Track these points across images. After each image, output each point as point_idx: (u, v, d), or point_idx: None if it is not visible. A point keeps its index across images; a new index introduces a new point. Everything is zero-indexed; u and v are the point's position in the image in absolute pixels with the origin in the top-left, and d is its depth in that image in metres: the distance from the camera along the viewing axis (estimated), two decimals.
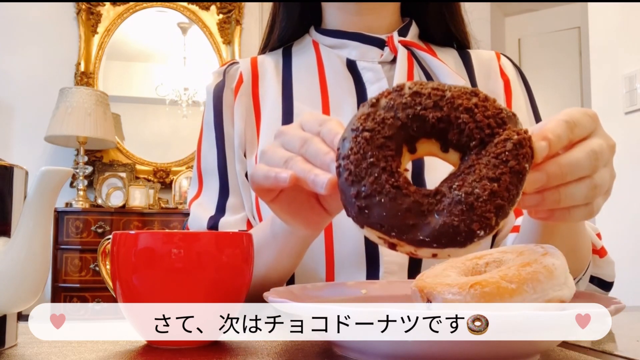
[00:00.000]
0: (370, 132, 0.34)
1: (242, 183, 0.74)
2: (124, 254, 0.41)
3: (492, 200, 0.32)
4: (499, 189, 0.32)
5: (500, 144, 0.33)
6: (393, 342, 0.33)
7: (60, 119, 2.59)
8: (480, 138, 0.34)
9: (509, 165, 0.32)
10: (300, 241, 0.55)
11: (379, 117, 0.35)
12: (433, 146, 0.36)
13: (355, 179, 0.34)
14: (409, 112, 0.34)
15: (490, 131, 0.33)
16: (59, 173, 0.40)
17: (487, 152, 0.33)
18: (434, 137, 0.35)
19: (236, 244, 0.43)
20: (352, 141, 0.34)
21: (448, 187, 0.33)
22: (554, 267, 0.37)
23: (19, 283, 0.38)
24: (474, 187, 0.32)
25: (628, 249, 2.20)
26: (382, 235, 0.34)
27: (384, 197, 0.33)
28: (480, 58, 0.80)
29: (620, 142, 2.09)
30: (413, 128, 0.35)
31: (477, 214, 0.32)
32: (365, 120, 0.35)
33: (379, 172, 0.33)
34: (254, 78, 0.78)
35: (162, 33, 3.20)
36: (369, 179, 0.33)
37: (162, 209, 2.80)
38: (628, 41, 2.23)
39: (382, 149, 0.34)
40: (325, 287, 0.51)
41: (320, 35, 0.79)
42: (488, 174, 0.32)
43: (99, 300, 2.46)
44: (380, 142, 0.34)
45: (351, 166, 0.34)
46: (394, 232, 0.33)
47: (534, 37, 3.50)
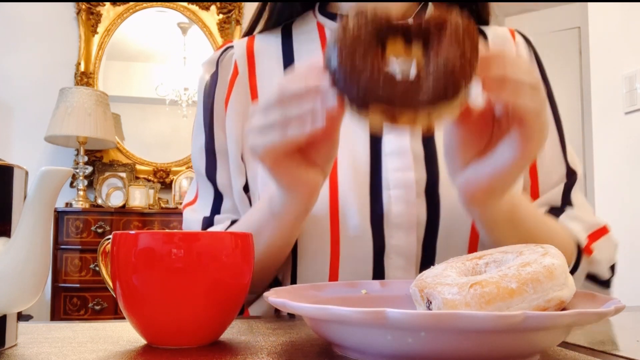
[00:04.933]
0: (353, 41, 0.41)
1: (239, 193, 0.70)
2: (124, 254, 0.41)
3: (463, 61, 0.40)
4: (465, 55, 0.40)
5: (455, 27, 0.41)
6: (393, 342, 0.33)
7: (60, 119, 2.59)
8: (436, 25, 0.41)
9: (466, 40, 0.40)
10: (299, 213, 0.56)
11: (354, 32, 0.41)
12: (399, 44, 0.43)
13: (354, 75, 0.40)
14: (376, 19, 0.42)
15: (442, 19, 0.41)
16: (59, 173, 0.40)
17: (445, 35, 0.41)
18: (399, 34, 0.42)
19: (236, 244, 0.43)
20: (340, 55, 0.41)
21: (427, 66, 0.40)
22: (554, 267, 0.37)
23: (19, 283, 0.38)
24: (448, 56, 0.40)
25: (628, 249, 2.20)
26: (386, 107, 0.40)
27: (382, 76, 0.40)
28: (495, 34, 0.77)
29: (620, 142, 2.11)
30: (382, 32, 0.42)
31: (457, 71, 0.39)
32: (343, 36, 0.41)
33: (371, 67, 0.40)
34: (251, 66, 0.73)
35: (162, 33, 3.20)
36: (366, 73, 0.40)
37: (162, 209, 2.80)
38: (628, 41, 2.23)
39: (367, 52, 0.41)
40: (325, 287, 0.51)
41: (327, 20, 0.74)
42: (454, 48, 0.40)
43: (99, 300, 2.46)
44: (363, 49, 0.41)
45: (347, 69, 0.40)
46: (396, 101, 0.40)
47: (534, 37, 3.48)
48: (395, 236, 0.63)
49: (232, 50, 0.75)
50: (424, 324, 0.31)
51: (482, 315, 0.30)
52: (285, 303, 0.38)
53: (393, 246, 0.63)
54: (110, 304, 2.46)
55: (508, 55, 0.43)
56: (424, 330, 0.32)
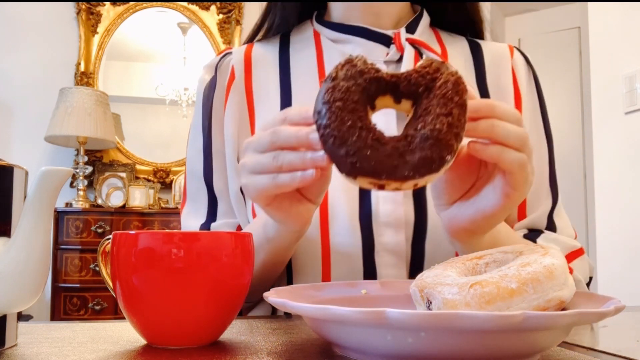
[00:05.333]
0: (341, 101, 0.41)
1: (235, 194, 0.71)
2: (124, 254, 0.41)
3: (450, 130, 0.40)
4: (453, 120, 0.40)
5: (443, 86, 0.41)
6: (393, 342, 0.33)
7: (60, 119, 2.59)
8: (425, 84, 0.42)
9: (454, 101, 0.41)
10: (292, 238, 0.58)
11: (343, 87, 0.41)
12: (388, 100, 0.43)
13: (341, 141, 0.40)
14: (366, 77, 0.42)
15: (430, 77, 0.42)
16: (59, 173, 0.40)
17: (434, 95, 0.41)
18: (388, 92, 0.43)
19: (236, 244, 0.43)
20: (328, 112, 0.41)
21: (414, 129, 0.41)
22: (554, 267, 0.37)
23: (19, 283, 0.38)
24: (435, 124, 0.40)
25: (628, 249, 2.20)
26: (372, 180, 0.40)
27: (368, 149, 0.40)
28: (492, 51, 0.77)
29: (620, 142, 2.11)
30: (372, 89, 0.42)
31: (443, 144, 0.40)
32: (332, 92, 0.41)
33: (359, 131, 0.40)
34: (247, 72, 0.74)
35: (162, 33, 3.20)
36: (353, 139, 0.40)
37: (162, 209, 2.80)
38: (628, 41, 2.23)
39: (355, 112, 0.41)
40: (325, 287, 0.51)
41: (322, 28, 0.75)
42: (442, 111, 0.40)
43: (99, 300, 2.46)
44: (351, 107, 0.41)
45: (335, 132, 0.40)
46: (383, 175, 0.40)
47: (534, 37, 3.50)
48: (384, 234, 0.64)
49: (230, 56, 0.76)
50: (424, 324, 0.31)
51: (482, 315, 0.30)
52: (285, 303, 0.38)
53: (383, 244, 0.64)
54: (110, 304, 2.46)
55: (497, 106, 0.45)
56: (424, 330, 0.32)
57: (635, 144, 2.18)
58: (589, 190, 2.59)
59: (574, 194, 3.10)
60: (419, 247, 0.65)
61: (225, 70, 0.75)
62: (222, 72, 0.75)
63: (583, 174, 3.09)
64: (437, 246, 0.64)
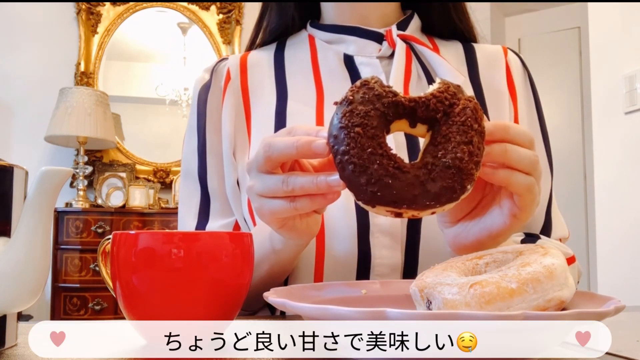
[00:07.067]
0: (360, 127, 0.40)
1: (232, 187, 0.72)
2: (124, 254, 0.41)
3: (471, 159, 0.40)
4: (473, 149, 0.40)
5: (462, 113, 0.41)
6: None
7: (60, 119, 2.59)
8: (443, 110, 0.41)
9: (474, 129, 0.40)
10: (299, 249, 0.58)
11: (362, 112, 0.40)
12: (403, 124, 0.43)
13: (361, 169, 0.39)
14: (384, 101, 0.41)
15: (448, 102, 0.41)
16: (59, 173, 0.40)
17: (453, 121, 0.41)
18: (404, 117, 0.42)
19: (236, 244, 0.43)
20: (347, 137, 0.39)
21: (433, 157, 0.40)
22: (553, 267, 0.37)
23: (19, 283, 0.38)
24: (456, 152, 0.40)
25: (628, 249, 2.20)
26: (391, 209, 0.40)
27: (389, 178, 0.39)
28: (486, 52, 0.78)
29: (620, 142, 2.11)
30: (389, 114, 0.41)
31: (465, 173, 0.40)
32: (350, 117, 0.40)
33: (379, 158, 0.39)
34: (243, 73, 0.76)
35: (162, 33, 3.20)
36: (374, 167, 0.39)
37: (162, 209, 2.80)
38: (628, 41, 2.23)
39: (375, 139, 0.40)
40: (325, 287, 0.51)
41: (316, 30, 0.78)
42: (462, 139, 0.40)
43: (99, 300, 2.46)
44: (371, 133, 0.40)
45: (354, 159, 0.39)
46: (404, 205, 0.39)
47: (534, 37, 3.50)
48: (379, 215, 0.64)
49: (226, 61, 0.79)
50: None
51: (482, 315, 0.30)
52: (285, 303, 0.38)
53: (377, 225, 0.64)
54: (110, 304, 2.46)
55: (511, 128, 0.45)
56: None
57: (635, 144, 2.18)
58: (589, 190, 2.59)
59: (574, 194, 3.10)
60: (414, 228, 0.64)
61: (221, 73, 0.77)
62: (218, 75, 0.77)
63: (583, 174, 3.09)
64: (433, 228, 0.64)
